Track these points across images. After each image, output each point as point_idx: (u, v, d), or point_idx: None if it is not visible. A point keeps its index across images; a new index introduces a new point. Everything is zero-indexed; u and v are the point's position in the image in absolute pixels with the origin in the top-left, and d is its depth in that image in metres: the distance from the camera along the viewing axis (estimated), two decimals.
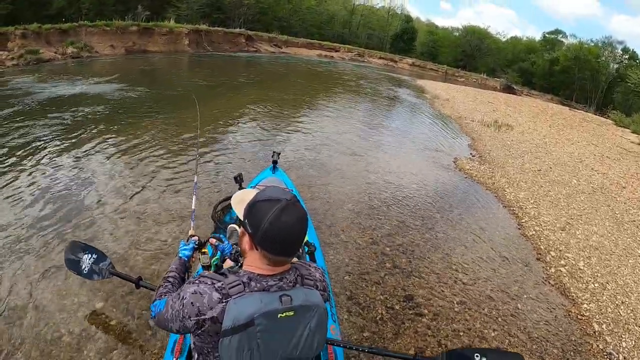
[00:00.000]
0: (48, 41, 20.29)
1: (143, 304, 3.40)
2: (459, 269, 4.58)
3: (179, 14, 33.15)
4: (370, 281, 4.10)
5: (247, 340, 1.33)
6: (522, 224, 6.17)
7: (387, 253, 4.68)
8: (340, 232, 5.00)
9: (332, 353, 2.28)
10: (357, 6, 58.63)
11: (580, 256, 5.32)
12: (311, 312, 1.43)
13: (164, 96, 12.39)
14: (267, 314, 1.34)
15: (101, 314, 3.28)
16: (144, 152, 6.94)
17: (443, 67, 46.87)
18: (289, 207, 1.38)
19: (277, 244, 1.38)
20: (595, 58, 46.15)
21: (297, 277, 1.50)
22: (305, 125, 10.38)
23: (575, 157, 11.31)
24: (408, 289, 4.06)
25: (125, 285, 3.47)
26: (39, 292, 3.44)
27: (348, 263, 4.36)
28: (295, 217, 1.38)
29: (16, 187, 5.31)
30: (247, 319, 1.32)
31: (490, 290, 4.27)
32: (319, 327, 1.46)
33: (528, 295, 4.33)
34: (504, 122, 14.79)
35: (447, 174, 8.10)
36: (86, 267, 2.98)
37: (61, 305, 3.32)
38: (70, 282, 3.56)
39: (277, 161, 4.66)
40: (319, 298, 1.49)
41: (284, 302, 1.38)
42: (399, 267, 4.42)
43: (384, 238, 5.02)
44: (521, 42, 58.58)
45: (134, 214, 4.88)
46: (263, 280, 1.42)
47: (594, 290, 4.60)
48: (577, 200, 7.54)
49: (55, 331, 3.06)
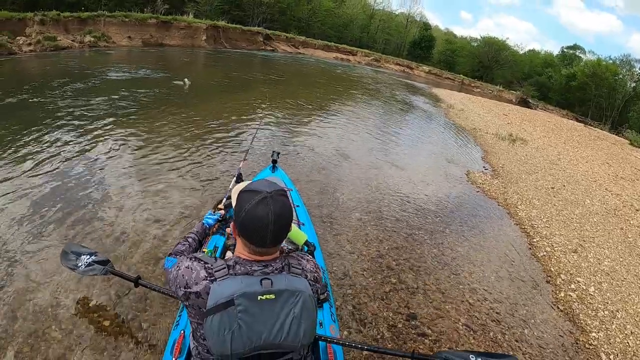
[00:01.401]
0: (66, 29, 20.48)
1: (142, 303, 3.38)
2: (465, 288, 4.45)
3: (198, 9, 33.30)
4: (373, 296, 3.99)
5: (228, 320, 1.38)
6: (533, 243, 6.02)
7: (392, 267, 4.55)
8: (346, 243, 4.89)
9: (332, 353, 2.26)
10: (376, 11, 58.54)
11: (591, 281, 5.16)
12: (294, 297, 1.45)
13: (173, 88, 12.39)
14: (247, 294, 1.39)
15: (100, 313, 3.23)
16: (161, 148, 6.98)
17: (459, 77, 46.69)
18: (267, 199, 1.43)
19: (252, 233, 1.45)
20: (612, 75, 45.71)
21: (284, 266, 1.53)
22: (318, 129, 10.33)
23: (589, 176, 11.10)
24: (412, 307, 3.94)
25: (124, 284, 3.43)
26: (36, 289, 3.39)
27: (352, 276, 4.24)
28: (270, 209, 1.42)
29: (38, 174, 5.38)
30: (227, 299, 1.38)
31: (497, 313, 4.13)
32: (304, 314, 1.46)
33: (535, 320, 4.18)
34: (518, 136, 14.62)
35: (459, 187, 7.97)
36: (82, 265, 2.95)
37: (59, 303, 3.27)
38: (70, 280, 3.50)
39: (276, 160, 4.68)
40: (304, 285, 1.50)
41: (264, 284, 1.43)
42: (404, 283, 4.30)
43: (391, 251, 4.90)
44: (539, 56, 58.33)
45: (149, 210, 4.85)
46: (248, 265, 1.49)
47: (604, 318, 4.45)
48: (590, 221, 7.37)
49: (53, 330, 3.02)
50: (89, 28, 21.47)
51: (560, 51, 59.03)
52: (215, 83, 14.93)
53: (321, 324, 2.46)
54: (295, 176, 6.48)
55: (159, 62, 18.73)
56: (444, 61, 56.10)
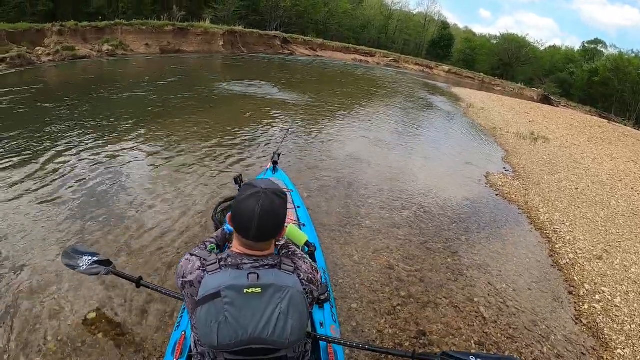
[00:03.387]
0: (84, 38, 20.80)
1: (143, 304, 3.41)
2: (480, 302, 4.17)
3: (216, 15, 33.47)
4: (380, 311, 3.76)
5: (215, 311, 1.43)
6: (556, 250, 5.70)
7: (403, 279, 4.31)
8: (354, 253, 4.67)
9: (333, 353, 2.25)
10: (393, 11, 58.16)
11: (618, 291, 4.83)
12: (281, 292, 1.47)
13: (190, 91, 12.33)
14: (233, 286, 1.44)
15: (101, 314, 3.26)
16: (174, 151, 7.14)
17: (480, 75, 45.93)
18: (259, 194, 1.50)
19: (239, 223, 1.52)
20: (635, 70, 44.38)
21: (277, 263, 1.56)
22: (333, 130, 10.16)
23: (614, 175, 10.64)
24: (421, 323, 3.69)
25: (125, 284, 3.46)
26: (36, 287, 3.46)
27: (358, 289, 4.02)
28: (259, 204, 1.48)
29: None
30: (214, 290, 1.44)
31: (514, 330, 3.85)
32: (291, 311, 1.47)
33: (556, 336, 3.89)
34: (540, 135, 14.19)
35: (477, 190, 7.66)
36: (84, 265, 2.97)
37: (60, 303, 3.30)
38: (71, 279, 3.55)
39: (277, 162, 4.66)
40: (293, 282, 1.52)
41: (251, 278, 1.47)
42: (414, 297, 4.05)
43: (402, 262, 4.65)
44: (560, 52, 57.17)
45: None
46: (238, 258, 1.54)
47: (630, 332, 4.12)
48: (616, 224, 6.99)
49: (53, 330, 3.05)
50: (107, 37, 21.77)
51: (581, 46, 57.81)
52: (234, 87, 14.84)
53: (322, 324, 2.47)
54: (303, 180, 6.45)
55: (177, 68, 18.82)
56: (463, 60, 55.35)
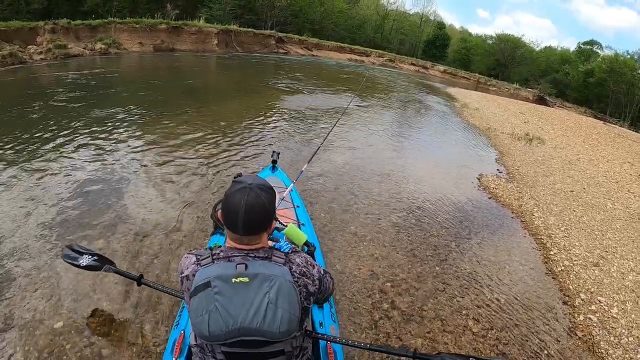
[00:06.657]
0: (77, 37, 20.49)
1: (144, 302, 3.40)
2: (469, 314, 3.92)
3: (211, 14, 33.21)
4: (360, 325, 3.51)
5: (206, 301, 1.47)
6: (550, 257, 5.46)
7: (386, 290, 4.05)
8: (336, 261, 4.41)
9: (332, 353, 2.25)
10: (389, 11, 57.99)
11: (614, 300, 4.59)
12: (268, 282, 1.50)
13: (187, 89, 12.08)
14: (221, 276, 1.50)
15: (100, 312, 3.25)
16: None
17: (475, 76, 45.83)
18: (245, 189, 1.54)
19: (227, 218, 1.56)
20: (630, 71, 44.44)
21: (268, 256, 1.59)
22: (324, 131, 9.84)
23: (610, 176, 10.43)
24: (404, 338, 3.44)
25: (125, 282, 3.50)
26: (36, 286, 3.45)
27: (338, 300, 3.75)
28: (244, 199, 1.52)
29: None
30: (205, 280, 1.50)
31: (504, 344, 3.60)
32: (280, 300, 1.50)
33: (549, 351, 3.63)
34: (535, 135, 13.98)
35: (469, 193, 7.41)
36: (84, 262, 2.94)
37: (59, 302, 3.30)
38: (70, 278, 3.55)
39: (276, 161, 4.68)
40: (281, 272, 1.54)
41: (239, 268, 1.51)
42: (398, 309, 3.79)
43: (386, 271, 4.40)
44: (555, 52, 57.17)
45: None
46: (230, 252, 1.59)
47: (627, 345, 3.88)
48: (613, 228, 6.76)
49: (53, 329, 3.04)
50: (100, 35, 21.47)
51: (576, 47, 57.82)
52: (228, 86, 14.63)
53: (321, 324, 2.49)
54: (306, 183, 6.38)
55: (171, 66, 18.63)
56: (459, 60, 55.24)
